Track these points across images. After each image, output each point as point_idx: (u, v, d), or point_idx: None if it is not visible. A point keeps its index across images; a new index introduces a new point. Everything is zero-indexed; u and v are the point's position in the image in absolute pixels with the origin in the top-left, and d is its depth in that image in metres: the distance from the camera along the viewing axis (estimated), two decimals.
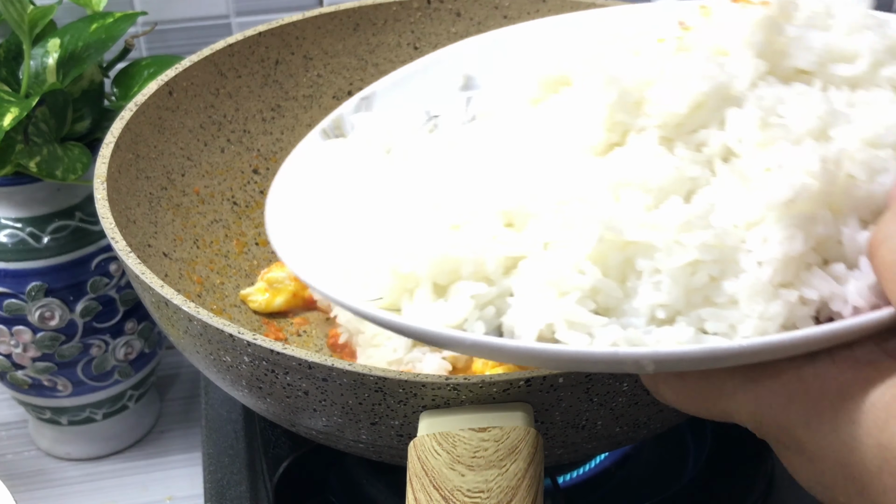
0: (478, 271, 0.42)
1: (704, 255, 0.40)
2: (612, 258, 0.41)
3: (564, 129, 0.44)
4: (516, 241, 0.42)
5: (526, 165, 0.44)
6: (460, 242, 0.43)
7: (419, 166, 0.48)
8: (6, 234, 0.74)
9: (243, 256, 0.76)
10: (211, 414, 0.78)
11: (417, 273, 0.43)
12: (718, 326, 0.40)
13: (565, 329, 0.40)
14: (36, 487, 0.83)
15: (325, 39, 0.81)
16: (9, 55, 0.74)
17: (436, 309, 0.43)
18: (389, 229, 0.45)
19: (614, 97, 0.43)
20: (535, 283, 0.41)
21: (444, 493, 0.48)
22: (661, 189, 0.41)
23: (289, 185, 0.51)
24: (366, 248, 0.45)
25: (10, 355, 0.77)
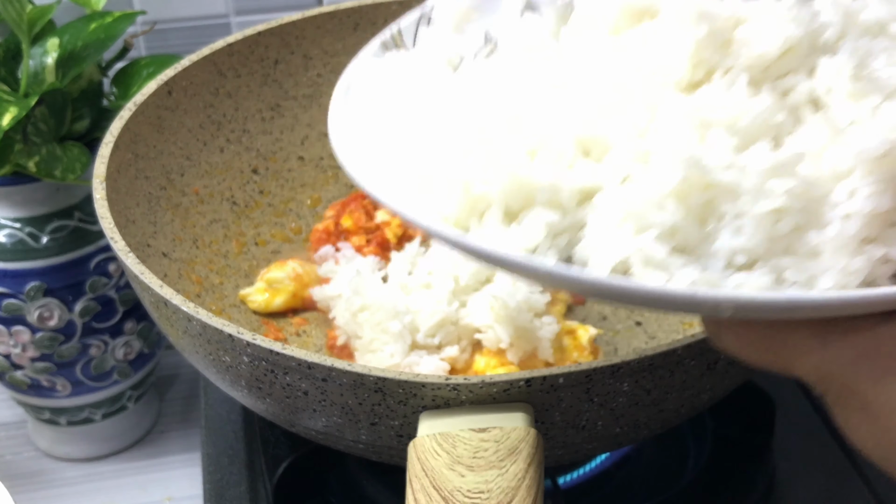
0: (552, 199, 0.41)
1: (791, 203, 0.39)
2: (695, 198, 0.40)
3: (648, 62, 0.43)
4: (594, 172, 0.41)
5: (605, 94, 0.43)
6: (536, 167, 0.41)
7: (493, 86, 0.46)
8: (5, 234, 0.74)
9: (242, 256, 0.76)
10: (210, 414, 0.78)
11: (490, 194, 0.42)
12: (798, 276, 0.39)
13: (641, 266, 0.39)
14: (35, 488, 0.83)
15: (324, 39, 0.81)
16: (8, 55, 0.74)
17: (507, 233, 0.41)
18: (463, 147, 0.44)
19: (704, 33, 0.42)
20: (612, 217, 0.40)
21: (444, 493, 0.48)
22: (747, 131, 0.41)
23: (350, 98, 0.49)
24: (437, 165, 0.44)
25: (8, 356, 0.77)
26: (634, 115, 0.42)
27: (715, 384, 0.57)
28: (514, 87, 0.46)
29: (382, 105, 0.48)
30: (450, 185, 0.43)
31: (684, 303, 0.40)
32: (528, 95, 0.45)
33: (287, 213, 0.80)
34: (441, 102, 0.47)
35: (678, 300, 0.39)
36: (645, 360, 0.52)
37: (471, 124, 0.44)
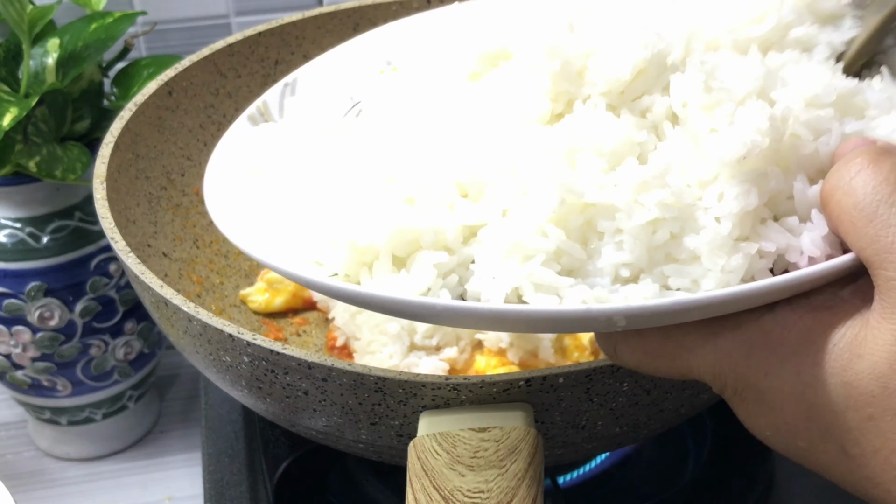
0: (437, 241, 0.43)
1: (664, 213, 0.41)
2: (573, 221, 0.42)
3: (509, 101, 0.45)
4: (475, 210, 0.43)
5: (475, 137, 0.45)
6: (418, 213, 0.43)
7: (366, 143, 0.48)
8: (5, 234, 0.74)
9: (243, 256, 0.76)
10: (211, 414, 0.78)
11: (376, 245, 0.43)
12: (682, 282, 0.41)
13: (532, 291, 0.41)
14: (35, 487, 0.83)
15: (324, 39, 0.81)
16: (8, 55, 0.74)
17: (398, 280, 0.43)
18: (343, 204, 0.45)
19: (557, 67, 0.44)
20: (498, 249, 0.42)
21: (444, 493, 0.48)
22: (613, 153, 0.43)
23: (225, 171, 0.51)
24: (321, 224, 0.45)
25: (9, 355, 0.77)
26: (507, 151, 0.43)
27: None
28: (385, 141, 0.47)
29: (258, 174, 0.50)
30: (335, 242, 0.44)
31: (580, 321, 0.41)
32: (401, 148, 0.46)
33: None
34: (316, 164, 0.49)
35: (573, 319, 0.41)
36: None
37: (348, 181, 0.46)
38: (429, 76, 0.50)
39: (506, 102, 0.45)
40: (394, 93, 0.51)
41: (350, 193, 0.45)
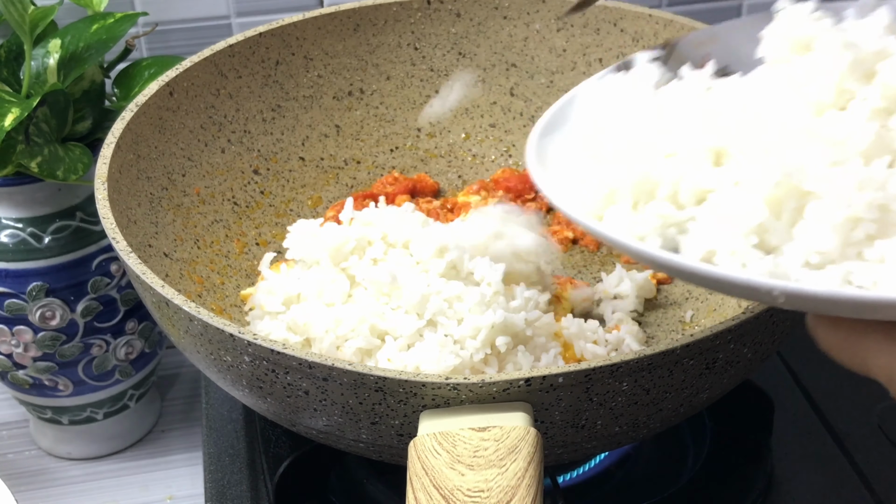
0: (673, 195, 0.47)
1: (867, 213, 0.42)
2: (787, 202, 0.44)
3: (798, 88, 0.48)
4: (711, 175, 0.47)
5: (748, 113, 0.48)
6: (664, 167, 0.48)
7: (667, 103, 0.52)
8: (7, 234, 0.74)
9: (244, 256, 0.76)
10: (211, 413, 0.78)
11: (621, 187, 0.48)
12: (863, 280, 0.43)
13: (724, 255, 0.44)
14: (37, 487, 0.83)
15: (325, 40, 0.81)
16: (10, 55, 0.74)
17: (628, 220, 0.48)
18: (616, 152, 0.50)
19: (848, 63, 0.46)
20: (716, 214, 0.45)
21: (444, 492, 0.48)
22: (853, 151, 0.44)
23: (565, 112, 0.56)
24: (594, 165, 0.51)
25: (10, 355, 0.77)
26: (760, 129, 0.47)
27: (713, 383, 0.57)
28: (683, 103, 0.51)
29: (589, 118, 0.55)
30: (596, 181, 0.49)
31: (741, 287, 0.43)
32: (693, 110, 0.50)
33: (288, 213, 0.80)
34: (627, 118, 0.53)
35: (739, 285, 0.43)
36: (644, 360, 0.52)
37: (636, 134, 0.51)
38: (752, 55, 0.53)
39: (795, 88, 0.48)
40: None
41: (629, 143, 0.50)
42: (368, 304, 0.65)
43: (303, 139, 0.82)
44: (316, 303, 0.67)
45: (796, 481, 0.72)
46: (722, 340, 0.54)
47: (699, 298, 0.75)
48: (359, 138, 0.84)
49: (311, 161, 0.82)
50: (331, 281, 0.67)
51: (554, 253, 0.73)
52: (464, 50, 0.84)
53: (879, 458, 0.73)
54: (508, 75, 0.85)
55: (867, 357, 0.43)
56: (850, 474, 0.72)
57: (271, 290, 0.69)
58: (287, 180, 0.81)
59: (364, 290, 0.67)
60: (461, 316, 0.63)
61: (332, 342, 0.64)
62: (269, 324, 0.69)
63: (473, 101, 0.85)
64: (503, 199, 0.82)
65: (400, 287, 0.64)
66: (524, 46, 0.84)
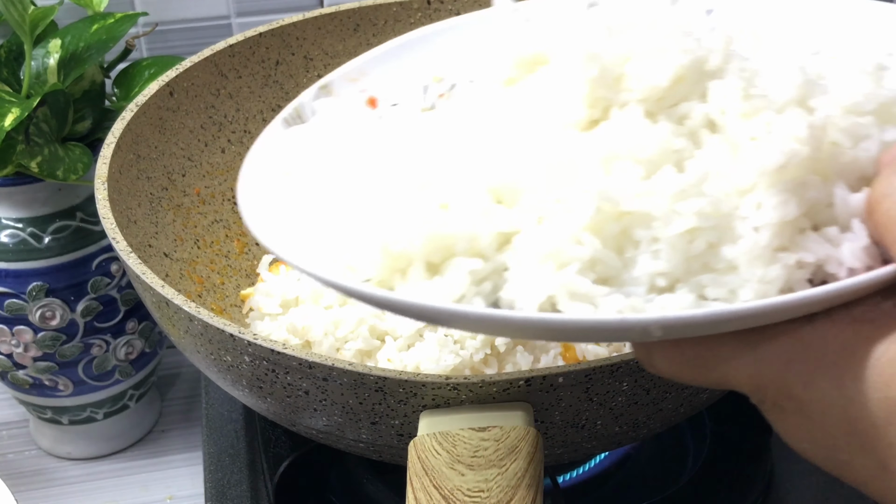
0: (472, 247, 0.42)
1: (702, 222, 0.40)
2: (609, 229, 0.41)
3: (545, 107, 0.45)
4: (509, 216, 0.42)
5: (510, 143, 0.44)
6: (452, 219, 0.43)
7: (397, 148, 0.48)
8: (7, 234, 0.74)
9: (244, 256, 0.76)
10: (211, 413, 0.78)
11: (410, 251, 0.43)
12: (719, 292, 0.41)
13: (567, 300, 0.40)
14: (36, 487, 0.83)
15: (325, 40, 0.81)
16: (10, 56, 0.74)
17: (432, 286, 0.42)
18: (376, 209, 0.45)
19: (595, 73, 0.43)
20: (533, 257, 0.41)
21: (444, 492, 0.48)
22: (650, 160, 0.42)
23: (257, 173, 0.51)
24: (353, 228, 0.45)
25: (11, 355, 0.77)
26: (542, 157, 0.43)
27: None
28: (418, 145, 0.47)
29: (291, 177, 0.50)
30: (368, 247, 0.44)
31: (615, 330, 0.41)
32: (434, 152, 0.46)
33: None
34: (349, 167, 0.48)
35: (609, 329, 0.41)
36: None
37: (382, 186, 0.46)
38: (465, 80, 0.50)
39: (542, 108, 0.45)
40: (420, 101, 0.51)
41: (383, 197, 0.45)
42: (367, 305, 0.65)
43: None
44: (313, 306, 0.67)
45: (796, 482, 0.72)
46: None
47: None
48: None
49: None
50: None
51: None
52: None
53: None
54: None
55: (726, 370, 0.41)
56: None
57: (269, 293, 0.69)
58: None
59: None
60: None
61: (331, 345, 0.64)
62: (268, 324, 0.69)
63: None
64: None
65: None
66: None
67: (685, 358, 0.42)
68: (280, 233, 0.47)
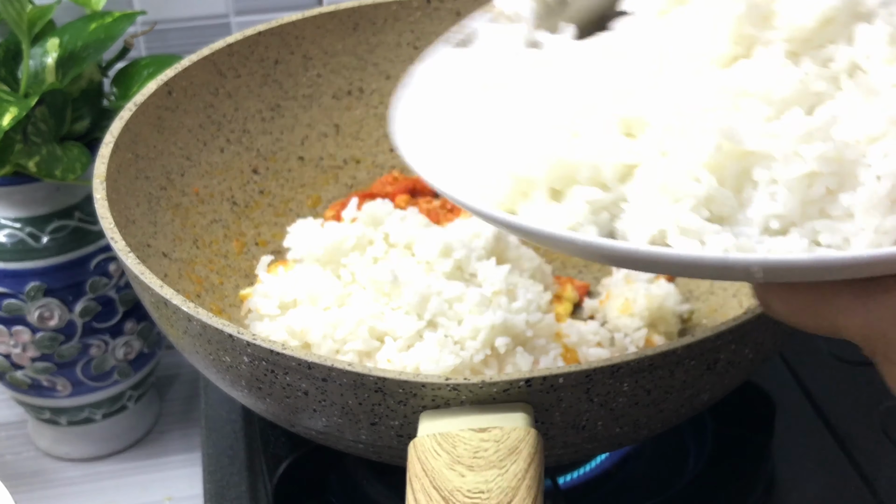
0: (594, 177, 0.43)
1: (823, 167, 0.40)
2: (730, 167, 0.41)
3: (690, 40, 0.44)
4: (633, 148, 0.42)
5: (647, 74, 0.44)
6: (578, 147, 0.43)
7: (542, 75, 0.48)
8: (5, 234, 0.74)
9: (243, 256, 0.76)
10: (210, 414, 0.78)
11: (534, 176, 0.43)
12: (832, 239, 0.40)
13: (677, 235, 0.40)
14: (35, 488, 0.83)
15: (324, 39, 0.81)
16: (8, 55, 0.74)
17: (552, 212, 0.43)
18: (511, 135, 0.45)
19: (743, 9, 0.43)
20: (650, 190, 0.41)
21: (444, 493, 0.48)
22: (783, 101, 0.41)
23: (416, 92, 0.52)
24: (486, 151, 0.46)
25: (9, 355, 0.77)
26: (673, 91, 0.42)
27: (715, 384, 0.57)
28: (565, 73, 0.47)
29: (446, 97, 0.50)
30: (497, 171, 0.44)
31: (716, 268, 0.41)
32: (577, 80, 0.46)
33: (287, 213, 0.80)
34: (495, 93, 0.48)
35: (710, 265, 0.40)
36: (645, 360, 0.52)
37: (521, 111, 0.46)
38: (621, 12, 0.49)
39: (688, 42, 0.44)
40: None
41: (518, 124, 0.45)
42: (366, 305, 0.65)
43: (302, 138, 0.82)
44: (312, 307, 0.67)
45: (798, 482, 0.72)
46: (723, 341, 0.54)
47: (700, 298, 0.74)
48: (358, 138, 0.84)
49: (310, 160, 0.82)
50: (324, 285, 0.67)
51: None
52: None
53: (881, 458, 0.73)
54: None
55: (838, 319, 0.40)
56: (852, 475, 0.72)
57: (267, 294, 0.69)
58: (286, 180, 0.81)
59: (362, 289, 0.67)
60: (461, 317, 0.63)
61: (330, 347, 0.64)
62: (267, 325, 0.68)
63: None
64: None
65: (401, 287, 0.64)
66: None
67: (798, 303, 0.41)
68: (427, 157, 0.47)
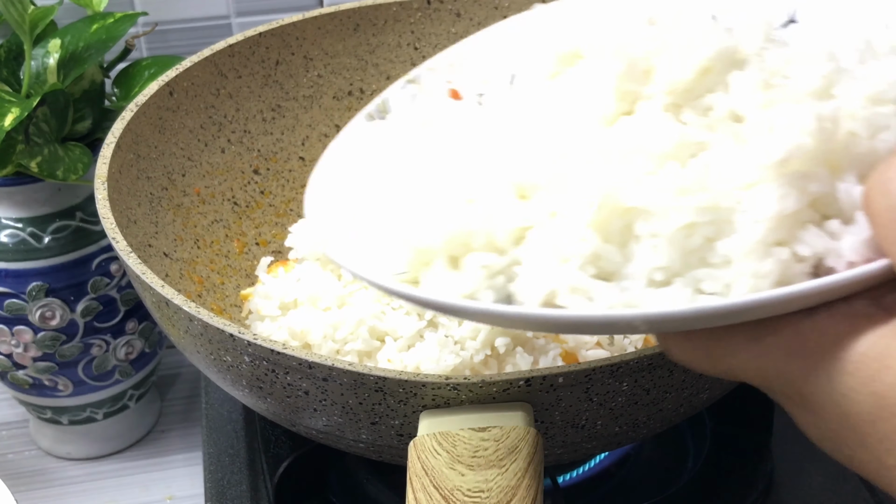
0: (489, 242, 0.43)
1: (700, 217, 0.40)
2: (613, 224, 0.41)
3: (578, 101, 0.45)
4: (524, 212, 0.43)
5: (538, 137, 0.45)
6: (473, 215, 0.44)
7: (442, 142, 0.49)
8: (7, 234, 0.74)
9: (244, 256, 0.76)
10: (211, 414, 0.78)
11: (433, 247, 0.44)
12: (714, 286, 0.40)
13: (567, 294, 0.41)
14: (36, 487, 0.83)
15: (325, 40, 0.81)
16: (10, 55, 0.74)
17: (450, 280, 0.44)
18: (410, 205, 0.46)
19: (623, 67, 0.43)
20: (541, 252, 0.42)
21: (444, 492, 0.48)
22: (662, 155, 0.42)
23: (330, 167, 0.53)
24: (388, 224, 0.47)
25: (10, 355, 0.77)
26: (561, 152, 0.43)
27: (714, 383, 0.57)
28: (461, 140, 0.48)
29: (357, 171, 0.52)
30: (399, 244, 0.45)
31: (602, 324, 0.42)
32: (473, 146, 0.47)
33: (288, 213, 0.80)
34: (399, 164, 0.49)
35: (595, 323, 0.41)
36: (644, 360, 0.52)
37: (420, 181, 0.47)
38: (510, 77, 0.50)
39: (575, 102, 0.45)
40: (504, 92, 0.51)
41: (418, 194, 0.46)
42: (366, 306, 0.65)
43: (303, 139, 0.82)
44: (312, 308, 0.67)
45: (797, 482, 0.72)
46: None
47: None
48: None
49: (311, 161, 0.82)
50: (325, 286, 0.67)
51: None
52: None
53: None
54: None
55: (734, 362, 0.41)
56: (851, 475, 0.72)
57: (268, 295, 0.69)
58: (287, 180, 0.81)
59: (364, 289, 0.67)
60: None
61: (330, 348, 0.64)
62: (268, 325, 0.69)
63: None
64: None
65: None
66: None
67: (696, 349, 0.42)
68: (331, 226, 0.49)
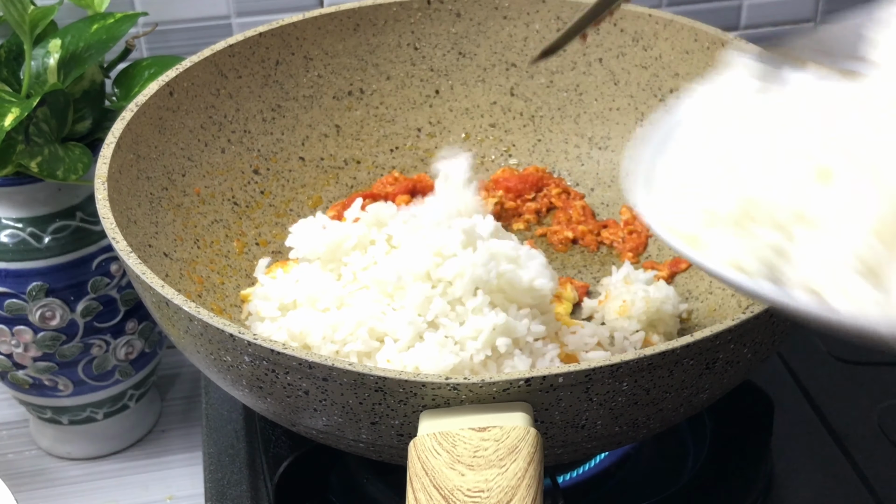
0: (772, 217, 0.44)
1: None
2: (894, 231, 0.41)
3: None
4: (815, 196, 0.43)
5: (858, 129, 0.44)
6: (766, 188, 0.45)
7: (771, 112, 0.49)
8: (7, 234, 0.74)
9: (244, 256, 0.76)
10: (211, 413, 0.78)
11: (719, 212, 0.46)
12: None
13: (831, 291, 0.41)
14: (36, 487, 0.83)
15: (325, 40, 0.81)
16: (10, 55, 0.74)
17: (725, 246, 0.45)
18: (716, 170, 0.48)
19: None
20: (818, 241, 0.42)
21: (444, 492, 0.48)
22: None
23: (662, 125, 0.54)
24: (693, 187, 0.49)
25: (10, 355, 0.77)
26: (867, 146, 0.43)
27: (713, 384, 0.57)
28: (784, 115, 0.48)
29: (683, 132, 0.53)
30: (693, 207, 0.47)
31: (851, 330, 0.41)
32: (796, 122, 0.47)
33: (288, 213, 0.80)
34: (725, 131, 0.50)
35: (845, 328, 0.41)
36: (644, 360, 0.52)
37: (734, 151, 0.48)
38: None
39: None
40: None
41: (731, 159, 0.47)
42: (366, 306, 0.65)
43: (303, 139, 0.82)
44: (311, 309, 0.67)
45: (797, 482, 0.72)
46: (722, 341, 0.54)
47: (698, 298, 0.74)
48: (359, 138, 0.84)
49: (311, 161, 0.82)
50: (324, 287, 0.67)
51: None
52: (464, 50, 0.84)
53: (880, 458, 0.73)
54: (508, 75, 0.85)
55: None
56: (851, 474, 0.72)
57: (267, 296, 0.70)
58: (287, 180, 0.81)
59: (365, 290, 0.67)
60: (463, 318, 0.63)
61: (330, 349, 0.64)
62: (268, 326, 0.69)
63: (473, 101, 0.85)
64: (503, 198, 0.82)
65: (404, 287, 0.64)
66: (524, 46, 0.84)
67: None
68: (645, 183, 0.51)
